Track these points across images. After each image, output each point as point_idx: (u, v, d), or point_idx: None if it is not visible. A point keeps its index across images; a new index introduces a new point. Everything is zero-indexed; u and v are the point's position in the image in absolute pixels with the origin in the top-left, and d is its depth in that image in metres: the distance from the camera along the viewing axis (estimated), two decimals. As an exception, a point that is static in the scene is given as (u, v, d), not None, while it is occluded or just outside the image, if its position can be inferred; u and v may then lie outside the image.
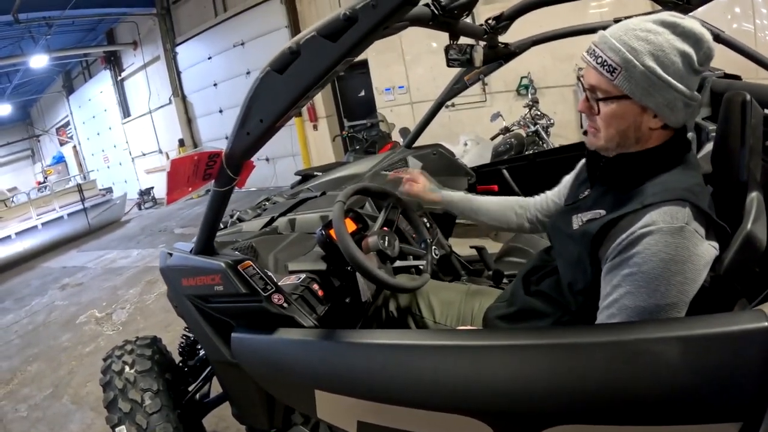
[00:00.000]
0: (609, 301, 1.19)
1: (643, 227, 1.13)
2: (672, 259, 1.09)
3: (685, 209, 1.12)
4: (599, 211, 1.30)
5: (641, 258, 1.12)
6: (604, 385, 1.05)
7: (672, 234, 1.10)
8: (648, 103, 1.18)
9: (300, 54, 1.14)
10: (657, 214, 1.13)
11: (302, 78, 1.16)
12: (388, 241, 1.84)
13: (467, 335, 1.35)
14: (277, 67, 1.18)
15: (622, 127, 1.23)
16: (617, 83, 1.18)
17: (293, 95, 1.20)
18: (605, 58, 1.19)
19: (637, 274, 1.12)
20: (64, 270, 8.38)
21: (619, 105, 1.21)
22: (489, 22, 2.25)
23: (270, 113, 1.25)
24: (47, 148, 21.92)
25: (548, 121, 5.92)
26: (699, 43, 1.15)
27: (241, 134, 1.33)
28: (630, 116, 1.22)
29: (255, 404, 1.89)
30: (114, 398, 2.16)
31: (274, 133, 1.34)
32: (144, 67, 14.36)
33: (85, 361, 4.54)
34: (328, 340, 1.44)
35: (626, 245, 1.15)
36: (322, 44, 1.10)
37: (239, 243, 2.09)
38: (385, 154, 3.57)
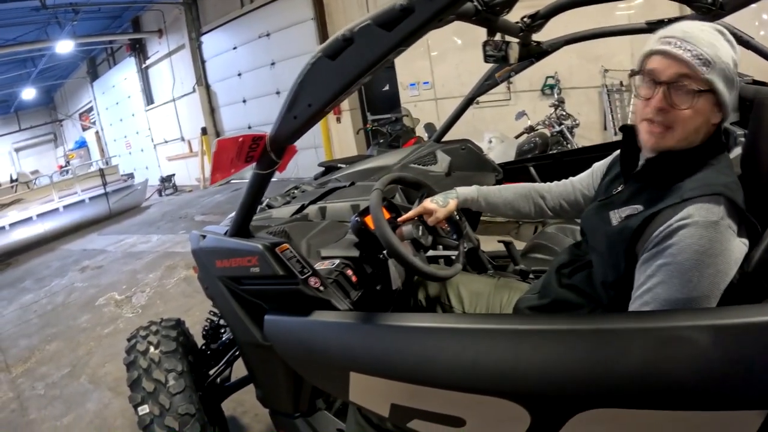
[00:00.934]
0: (642, 290, 1.22)
1: (679, 220, 1.16)
2: (706, 252, 1.12)
3: (720, 205, 1.15)
4: (636, 206, 1.32)
5: (676, 249, 1.15)
6: (637, 371, 1.06)
7: (707, 228, 1.13)
8: (725, 98, 1.22)
9: (353, 41, 1.14)
10: (694, 208, 1.15)
11: (354, 65, 1.17)
12: (422, 230, 1.85)
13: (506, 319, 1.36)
14: (329, 53, 1.19)
15: (698, 123, 1.24)
16: (709, 77, 1.19)
17: (344, 81, 1.21)
18: (700, 52, 1.19)
19: (671, 265, 1.15)
20: (84, 252, 8.49)
21: (704, 99, 1.22)
22: (524, 19, 2.27)
23: (319, 98, 1.26)
24: (70, 133, 22.18)
25: (573, 122, 5.88)
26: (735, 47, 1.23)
27: (287, 118, 1.33)
28: (707, 111, 1.23)
29: (282, 387, 1.91)
30: (138, 377, 2.18)
31: (320, 119, 1.35)
32: (169, 56, 14.46)
33: (104, 342, 4.60)
34: (366, 322, 1.45)
35: (663, 237, 1.18)
36: (376, 33, 1.10)
37: (272, 228, 2.11)
38: (413, 147, 3.57)
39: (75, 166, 13.82)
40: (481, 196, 1.95)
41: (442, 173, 3.28)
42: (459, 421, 1.30)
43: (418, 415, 1.37)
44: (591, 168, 1.84)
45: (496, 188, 1.98)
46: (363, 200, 2.44)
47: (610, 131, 7.49)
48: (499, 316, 1.67)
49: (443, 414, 1.32)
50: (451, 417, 1.31)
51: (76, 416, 3.43)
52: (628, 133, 1.43)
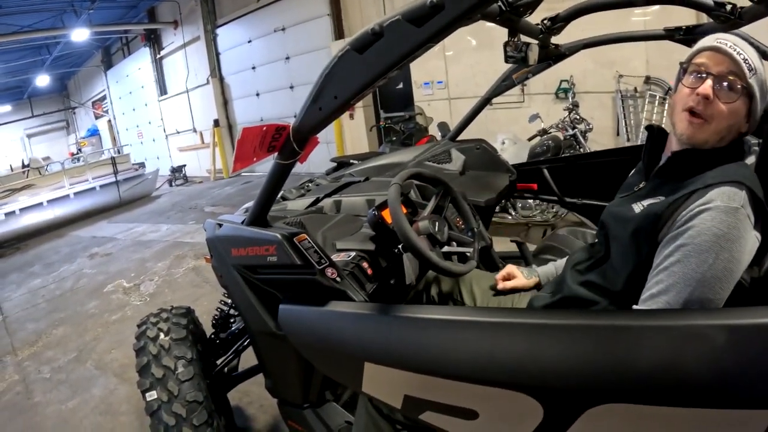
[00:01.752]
0: (660, 268, 1.27)
1: (701, 205, 1.21)
2: (723, 236, 1.17)
3: (742, 192, 1.21)
4: (659, 197, 1.37)
5: (695, 231, 1.20)
6: (651, 368, 1.07)
7: (727, 213, 1.18)
8: (758, 106, 1.31)
9: (383, 36, 1.14)
10: (716, 192, 1.21)
11: (382, 59, 1.18)
12: (438, 226, 1.86)
13: (524, 313, 1.38)
14: (357, 47, 1.19)
15: (733, 123, 1.31)
16: (751, 81, 1.28)
17: (371, 75, 1.21)
18: (747, 57, 1.28)
19: (689, 245, 1.21)
20: (94, 239, 8.55)
21: (742, 102, 1.30)
22: (545, 22, 2.28)
23: (345, 91, 1.27)
24: (82, 121, 22.30)
25: (587, 126, 5.87)
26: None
27: (312, 109, 1.34)
28: (741, 115, 1.31)
29: (292, 378, 1.92)
30: (147, 363, 2.19)
31: (344, 111, 1.36)
32: (183, 47, 14.53)
33: (111, 329, 4.63)
34: (383, 313, 1.45)
35: (685, 220, 1.23)
36: (405, 28, 1.10)
37: (288, 219, 2.12)
38: (428, 145, 3.58)
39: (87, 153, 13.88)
40: (557, 268, 2.00)
41: (456, 171, 3.29)
42: (472, 413, 1.31)
43: (431, 407, 1.38)
44: None
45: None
46: (378, 195, 2.45)
47: (623, 137, 7.46)
48: (517, 310, 1.68)
49: (456, 406, 1.33)
50: (464, 409, 1.32)
51: (81, 401, 3.45)
52: (652, 132, 1.55)
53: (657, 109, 7.11)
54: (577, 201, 3.40)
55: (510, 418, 1.28)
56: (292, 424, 2.09)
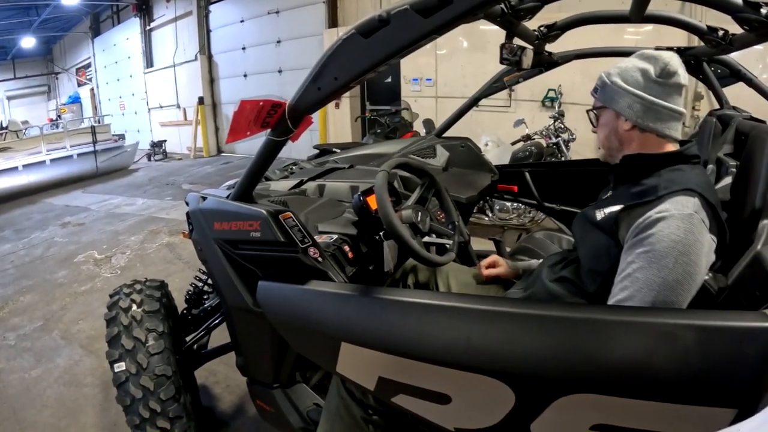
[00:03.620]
0: (623, 275, 1.35)
1: (657, 213, 1.31)
2: (681, 241, 1.26)
3: (694, 198, 1.31)
4: (619, 204, 1.47)
5: (655, 238, 1.29)
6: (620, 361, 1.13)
7: (682, 219, 1.28)
8: (615, 107, 1.49)
9: (389, 23, 1.18)
10: (670, 203, 1.32)
11: (387, 46, 1.22)
12: (421, 216, 1.89)
13: (502, 302, 1.41)
14: (363, 31, 1.23)
15: (607, 132, 1.56)
16: (598, 98, 1.56)
17: (373, 60, 1.26)
18: (595, 85, 1.58)
19: (650, 252, 1.29)
20: (67, 208, 8.42)
21: (603, 114, 1.57)
22: (541, 29, 2.35)
23: (347, 73, 1.31)
24: (64, 87, 21.87)
25: (570, 136, 5.95)
26: (655, 61, 1.44)
27: (311, 88, 1.38)
28: (609, 122, 1.54)
29: (264, 356, 1.93)
30: (117, 334, 2.18)
31: (342, 94, 1.39)
32: (174, 21, 14.32)
33: (80, 300, 4.58)
34: (363, 295, 1.48)
35: (642, 228, 1.32)
36: (413, 18, 1.15)
37: (272, 198, 2.13)
38: (414, 139, 3.62)
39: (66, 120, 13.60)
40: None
41: (440, 167, 3.32)
42: (445, 397, 1.34)
43: (405, 390, 1.40)
44: None
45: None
46: (363, 182, 2.46)
47: (604, 151, 7.53)
48: (495, 298, 1.73)
49: (430, 390, 1.36)
50: (437, 393, 1.35)
51: (45, 370, 3.41)
52: None
53: (640, 124, 7.15)
54: (555, 206, 3.46)
55: (482, 404, 1.32)
56: (260, 404, 2.09)
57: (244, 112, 1.44)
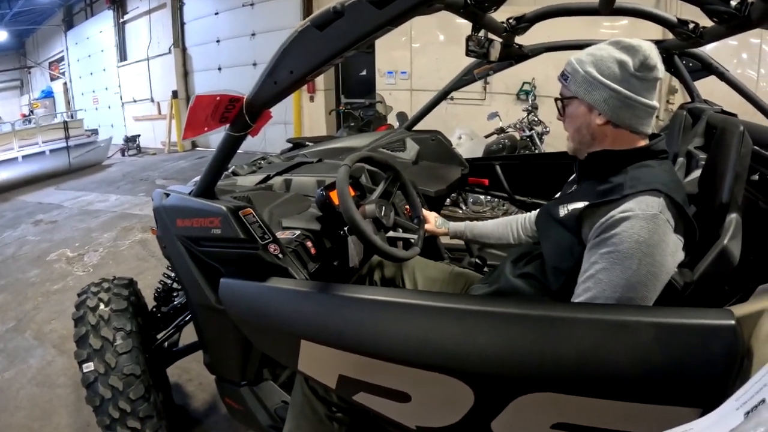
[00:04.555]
0: (586, 276, 1.33)
1: (621, 212, 1.28)
2: (645, 242, 1.23)
3: (659, 199, 1.27)
4: (583, 201, 1.44)
5: (618, 239, 1.26)
6: (578, 359, 1.13)
7: (646, 219, 1.24)
8: (589, 100, 1.41)
9: (343, 14, 1.17)
10: (634, 202, 1.28)
11: (341, 38, 1.21)
12: (384, 211, 1.88)
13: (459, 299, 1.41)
14: (317, 24, 1.21)
15: (577, 125, 1.47)
16: (569, 87, 1.45)
17: (328, 53, 1.24)
18: (564, 71, 1.47)
19: (613, 253, 1.27)
20: (40, 206, 8.25)
21: (571, 105, 1.47)
22: (510, 21, 2.31)
23: (302, 66, 1.29)
24: (37, 81, 21.39)
25: (544, 129, 5.97)
26: (635, 52, 1.35)
27: (267, 82, 1.36)
28: (580, 115, 1.45)
29: (230, 354, 1.92)
30: (85, 334, 2.15)
31: (298, 87, 1.38)
32: (148, 13, 14.07)
33: (52, 299, 4.50)
34: (322, 292, 1.47)
35: (606, 227, 1.30)
36: (366, 9, 1.13)
37: (236, 193, 2.11)
38: (384, 132, 3.61)
39: (39, 116, 13.36)
40: (467, 229, 2.22)
41: (410, 161, 3.32)
42: (404, 396, 1.34)
43: (365, 388, 1.41)
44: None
45: (480, 223, 2.23)
46: (329, 177, 2.45)
47: (578, 143, 7.59)
48: (453, 295, 1.73)
49: (389, 388, 1.36)
50: (397, 392, 1.35)
51: (18, 372, 3.35)
52: None
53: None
54: (527, 199, 3.48)
55: (442, 402, 1.31)
56: (228, 402, 2.08)
57: (201, 106, 1.42)
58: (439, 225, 2.23)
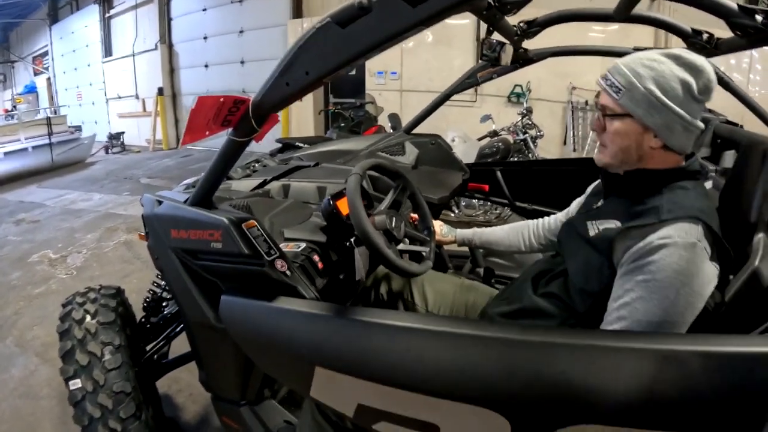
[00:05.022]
0: (620, 303, 1.26)
1: (660, 239, 1.21)
2: (683, 271, 1.18)
3: (698, 227, 1.22)
4: (614, 221, 1.38)
5: (656, 267, 1.20)
6: (622, 389, 1.06)
7: (686, 248, 1.19)
8: (647, 122, 1.30)
9: (371, 11, 1.03)
10: (673, 228, 1.21)
11: (366, 37, 1.07)
12: (395, 222, 1.78)
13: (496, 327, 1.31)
14: (339, 20, 1.08)
15: (625, 144, 1.36)
16: (621, 102, 1.32)
17: (351, 53, 1.10)
18: (613, 81, 1.34)
19: (651, 281, 1.20)
20: (21, 204, 8.06)
21: (623, 123, 1.34)
22: (521, 24, 2.28)
23: (320, 67, 1.15)
24: (21, 76, 21.06)
25: (538, 132, 5.96)
26: (699, 73, 1.26)
27: (278, 83, 1.22)
28: (632, 134, 1.34)
29: (230, 373, 1.81)
30: (71, 348, 2.04)
31: (314, 89, 1.25)
32: (135, 8, 13.91)
33: (34, 303, 4.34)
34: (340, 316, 1.36)
35: (643, 254, 1.23)
36: (398, 6, 1.00)
37: (234, 201, 1.99)
38: (383, 135, 3.51)
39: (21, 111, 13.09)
40: (476, 236, 2.18)
41: (409, 165, 3.23)
42: (432, 427, 1.25)
43: (387, 418, 1.31)
44: (570, 206, 1.95)
45: (489, 229, 2.18)
46: (330, 183, 2.35)
47: (570, 146, 7.63)
48: (489, 323, 1.60)
49: (416, 419, 1.27)
50: (424, 423, 1.26)
51: (0, 382, 3.21)
52: None
53: (605, 123, 7.26)
54: (527, 206, 3.41)
55: None
56: (226, 421, 1.97)
57: (203, 109, 1.28)
58: (445, 233, 2.19)
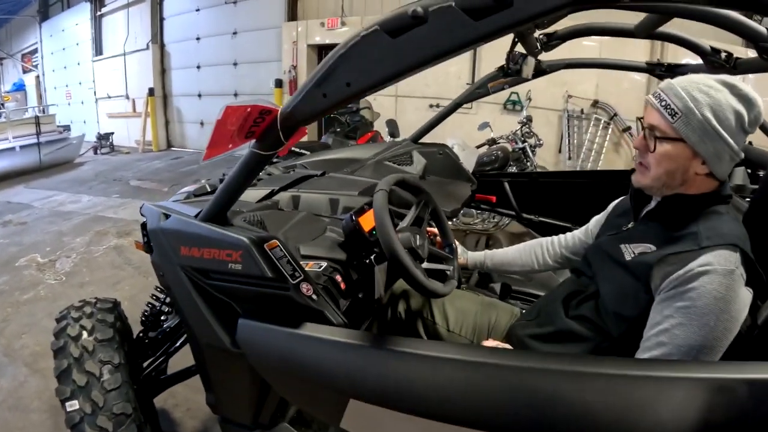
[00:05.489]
0: (659, 329, 1.27)
1: (700, 266, 1.22)
2: (723, 298, 1.19)
3: (736, 254, 1.24)
4: (648, 245, 1.39)
5: (696, 294, 1.21)
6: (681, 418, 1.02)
7: (724, 275, 1.20)
8: (699, 150, 1.29)
9: (426, 21, 0.94)
10: (713, 256, 1.23)
11: (420, 49, 0.97)
12: (419, 240, 1.70)
13: (541, 358, 1.25)
14: (389, 29, 0.98)
15: (671, 168, 1.35)
16: (676, 126, 1.30)
17: (401, 66, 1.00)
18: (669, 102, 1.31)
19: (691, 308, 1.22)
20: (8, 205, 7.88)
21: (674, 147, 1.32)
22: (541, 37, 2.27)
23: (364, 79, 1.05)
24: (9, 74, 20.78)
25: (537, 141, 5.90)
26: (752, 106, 1.27)
27: (314, 94, 1.12)
28: (680, 159, 1.33)
29: (243, 397, 1.71)
30: (67, 368, 1.94)
31: (352, 102, 1.15)
32: (127, 7, 13.74)
33: (22, 310, 4.20)
34: (377, 346, 1.28)
35: (683, 281, 1.24)
36: (458, 18, 0.91)
37: (245, 214, 1.88)
38: (389, 143, 3.46)
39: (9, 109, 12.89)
40: (487, 258, 2.12)
41: (417, 175, 3.14)
42: None
43: None
44: (588, 223, 1.92)
45: (501, 250, 2.12)
46: (342, 194, 2.27)
47: (565, 154, 7.61)
48: (534, 354, 1.50)
49: None
50: None
51: (-12, 394, 3.09)
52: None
53: (600, 132, 7.36)
54: (534, 218, 3.36)
55: None
56: None
57: (230, 120, 1.17)
58: (459, 254, 2.10)
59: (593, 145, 7.49)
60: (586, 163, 7.48)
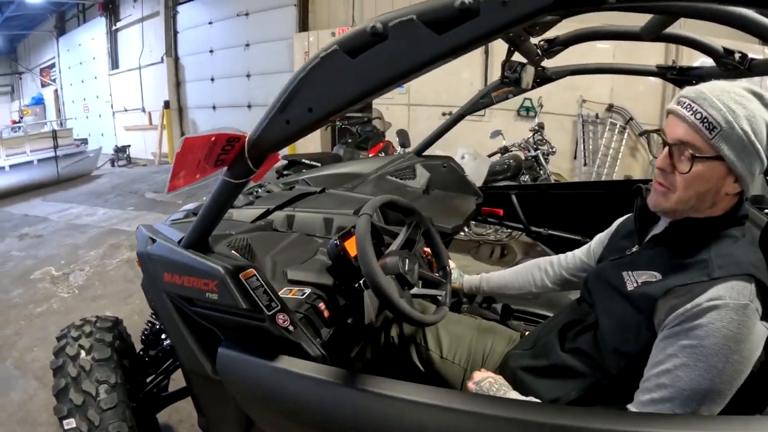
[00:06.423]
0: (661, 369, 1.14)
1: (709, 300, 1.10)
2: (733, 337, 1.07)
3: (751, 285, 1.11)
4: (653, 273, 1.26)
5: (704, 331, 1.09)
6: None
7: (737, 311, 1.08)
8: (737, 167, 1.15)
9: (386, 38, 0.87)
10: (724, 288, 1.10)
11: (382, 68, 0.90)
12: (408, 265, 1.63)
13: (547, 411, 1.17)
14: (348, 48, 0.91)
15: (703, 189, 1.19)
16: (714, 142, 1.14)
17: (363, 87, 0.93)
18: (706, 115, 1.15)
19: (697, 348, 1.09)
20: (26, 218, 8.00)
21: (709, 165, 1.17)
22: (541, 44, 2.19)
23: (325, 103, 0.98)
24: (28, 87, 21.15)
25: (550, 149, 5.83)
26: None
27: (277, 120, 1.05)
28: (714, 178, 1.18)
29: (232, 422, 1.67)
30: (65, 387, 1.94)
31: (319, 127, 1.10)
32: (141, 21, 13.88)
33: (35, 323, 4.24)
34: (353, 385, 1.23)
35: (690, 316, 1.11)
36: (420, 33, 0.84)
37: (233, 237, 1.85)
38: (392, 157, 3.39)
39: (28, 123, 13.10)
40: (483, 282, 2.01)
41: (420, 189, 3.10)
42: None
43: None
44: (591, 241, 1.79)
45: (497, 274, 2.01)
46: (337, 213, 2.22)
47: (580, 160, 7.50)
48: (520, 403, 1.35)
49: None
50: None
51: (-1, 406, 3.12)
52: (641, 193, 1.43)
53: (616, 137, 7.22)
54: (543, 231, 3.28)
55: None
56: None
57: (192, 150, 1.13)
58: (455, 278, 2.01)
59: (609, 150, 7.34)
60: (602, 169, 7.36)
